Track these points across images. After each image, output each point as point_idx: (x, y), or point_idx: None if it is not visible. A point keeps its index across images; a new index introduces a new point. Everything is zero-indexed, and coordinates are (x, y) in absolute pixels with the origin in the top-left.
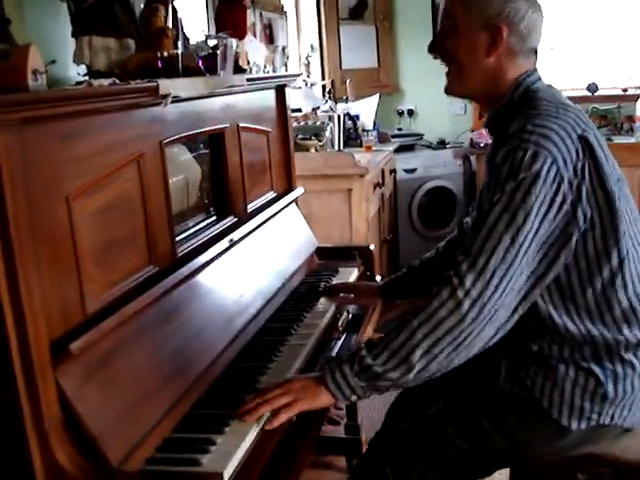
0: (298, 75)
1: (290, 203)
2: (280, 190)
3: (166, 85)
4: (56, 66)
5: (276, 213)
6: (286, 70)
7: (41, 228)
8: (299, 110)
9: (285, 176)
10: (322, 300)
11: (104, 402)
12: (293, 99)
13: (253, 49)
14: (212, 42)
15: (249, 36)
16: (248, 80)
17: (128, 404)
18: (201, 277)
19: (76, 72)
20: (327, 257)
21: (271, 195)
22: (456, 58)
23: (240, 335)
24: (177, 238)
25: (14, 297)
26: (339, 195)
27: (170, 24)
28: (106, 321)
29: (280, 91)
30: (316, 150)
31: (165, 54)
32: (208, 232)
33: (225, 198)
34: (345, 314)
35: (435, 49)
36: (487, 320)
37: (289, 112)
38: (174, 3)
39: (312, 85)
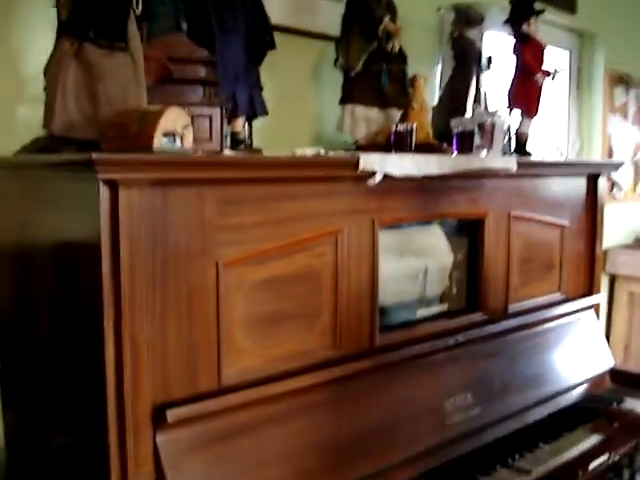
0: (620, 164)
1: (584, 309)
2: (572, 293)
3: (371, 161)
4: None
5: (556, 317)
6: None
7: (175, 289)
8: None
9: (584, 278)
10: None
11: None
12: None
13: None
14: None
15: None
16: (521, 165)
17: None
18: (399, 370)
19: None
20: (626, 384)
21: (556, 297)
22: None
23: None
24: (391, 323)
25: (118, 349)
26: None
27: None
28: (231, 395)
29: (592, 180)
30: None
31: (399, 128)
32: (437, 325)
33: (476, 292)
34: (607, 455)
35: None
36: None
37: (601, 205)
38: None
39: None
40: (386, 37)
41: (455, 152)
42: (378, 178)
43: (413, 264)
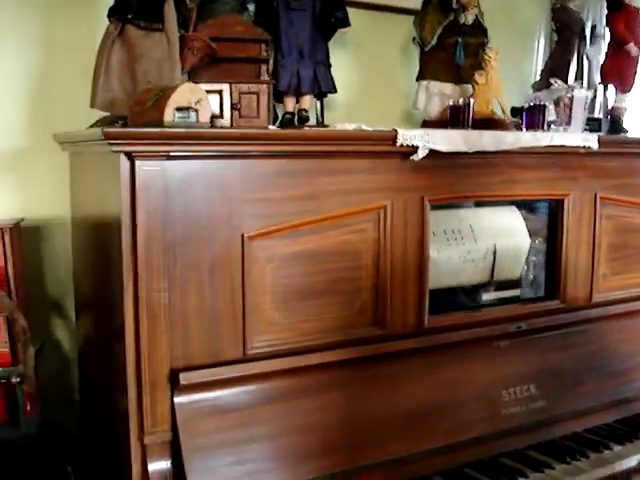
0: None
1: None
2: None
3: (410, 135)
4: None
5: None
6: None
7: (197, 259)
8: None
9: None
10: None
11: (217, 443)
12: None
13: None
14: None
15: None
16: (605, 142)
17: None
18: (450, 353)
19: None
20: None
21: None
22: None
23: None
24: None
25: (136, 312)
26: None
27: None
28: (254, 364)
29: None
30: None
31: (454, 103)
32: (502, 310)
33: (554, 278)
34: None
35: None
36: None
37: None
38: None
39: None
40: (462, 9)
41: (524, 128)
42: (421, 154)
43: (480, 246)
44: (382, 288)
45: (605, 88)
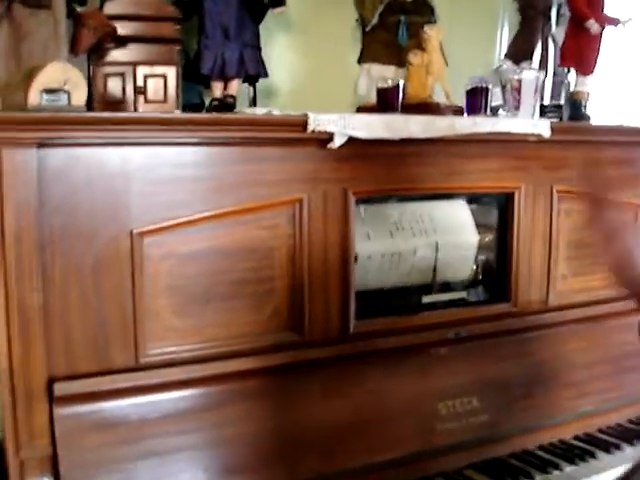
0: None
1: None
2: None
3: (324, 121)
4: None
5: (618, 315)
6: None
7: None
8: None
9: None
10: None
11: (101, 460)
12: None
13: None
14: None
15: None
16: (559, 130)
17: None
18: (379, 362)
19: None
20: None
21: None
22: None
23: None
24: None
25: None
26: None
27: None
28: (145, 373)
29: None
30: None
31: (382, 86)
32: (442, 314)
33: (505, 280)
34: None
35: None
36: None
37: None
38: None
39: None
40: None
41: (465, 114)
42: (338, 141)
43: (419, 243)
44: (298, 290)
45: (567, 71)
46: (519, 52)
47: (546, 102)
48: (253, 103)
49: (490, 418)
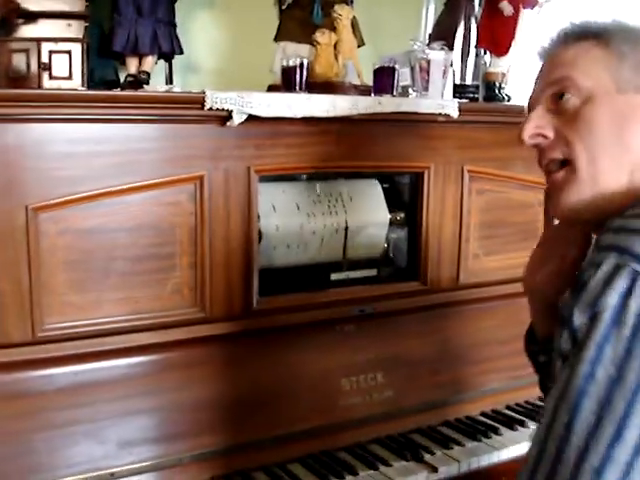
0: None
1: None
2: None
3: (221, 98)
4: None
5: None
6: None
7: None
8: None
9: None
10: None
11: None
12: None
13: None
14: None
15: None
16: (469, 110)
17: None
18: (281, 339)
19: None
20: None
21: None
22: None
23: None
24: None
25: None
26: None
27: None
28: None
29: None
30: None
31: (286, 64)
32: (349, 291)
33: (415, 258)
34: None
35: None
36: None
37: None
38: None
39: None
40: None
41: (373, 93)
42: (237, 119)
43: (328, 221)
44: (200, 267)
45: (484, 52)
46: (444, 32)
47: (469, 83)
48: (170, 80)
49: (395, 394)
